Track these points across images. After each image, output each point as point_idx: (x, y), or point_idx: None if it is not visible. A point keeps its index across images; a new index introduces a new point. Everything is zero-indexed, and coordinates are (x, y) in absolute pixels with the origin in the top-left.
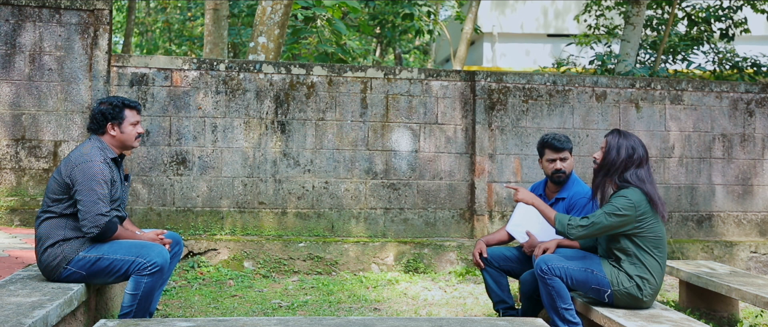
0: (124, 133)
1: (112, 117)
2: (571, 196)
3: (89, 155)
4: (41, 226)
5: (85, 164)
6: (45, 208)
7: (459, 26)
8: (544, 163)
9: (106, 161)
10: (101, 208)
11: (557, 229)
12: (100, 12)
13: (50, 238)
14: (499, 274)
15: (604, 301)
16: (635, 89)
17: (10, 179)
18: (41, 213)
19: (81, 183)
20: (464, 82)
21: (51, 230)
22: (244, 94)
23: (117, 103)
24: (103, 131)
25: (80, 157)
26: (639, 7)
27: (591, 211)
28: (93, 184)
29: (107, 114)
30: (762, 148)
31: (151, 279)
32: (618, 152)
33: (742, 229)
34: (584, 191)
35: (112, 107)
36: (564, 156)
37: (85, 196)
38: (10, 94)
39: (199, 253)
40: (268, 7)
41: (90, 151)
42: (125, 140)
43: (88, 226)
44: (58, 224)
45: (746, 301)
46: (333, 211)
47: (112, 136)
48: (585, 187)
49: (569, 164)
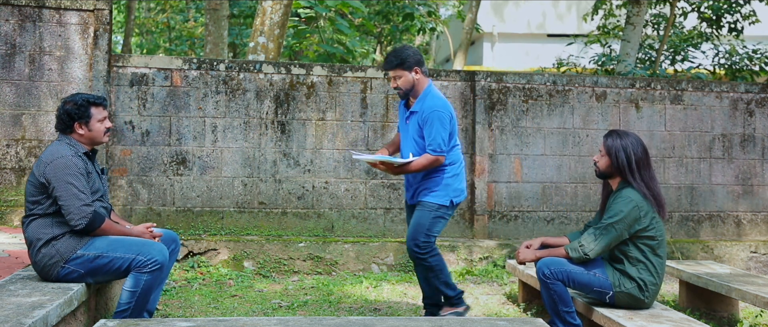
0: (92, 131)
1: (79, 116)
2: (422, 110)
3: (59, 151)
4: (28, 229)
5: (57, 160)
6: (27, 212)
7: (459, 26)
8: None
9: (77, 154)
10: (84, 199)
11: (574, 258)
12: (100, 12)
13: (40, 238)
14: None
15: (606, 303)
16: (635, 89)
17: (10, 179)
18: (25, 218)
19: (56, 179)
20: (464, 82)
21: (38, 231)
22: (244, 94)
23: (81, 101)
24: (71, 130)
25: (50, 155)
26: (639, 7)
27: (432, 123)
28: (69, 178)
29: (73, 114)
30: (762, 148)
31: (151, 276)
32: (625, 152)
33: (742, 229)
34: (433, 105)
35: (78, 107)
36: (395, 74)
37: (64, 191)
38: (10, 94)
39: (199, 253)
40: (268, 7)
41: (59, 147)
42: (94, 137)
43: (75, 219)
44: (43, 223)
45: (746, 301)
46: (333, 211)
47: (81, 135)
48: (435, 101)
49: (403, 81)
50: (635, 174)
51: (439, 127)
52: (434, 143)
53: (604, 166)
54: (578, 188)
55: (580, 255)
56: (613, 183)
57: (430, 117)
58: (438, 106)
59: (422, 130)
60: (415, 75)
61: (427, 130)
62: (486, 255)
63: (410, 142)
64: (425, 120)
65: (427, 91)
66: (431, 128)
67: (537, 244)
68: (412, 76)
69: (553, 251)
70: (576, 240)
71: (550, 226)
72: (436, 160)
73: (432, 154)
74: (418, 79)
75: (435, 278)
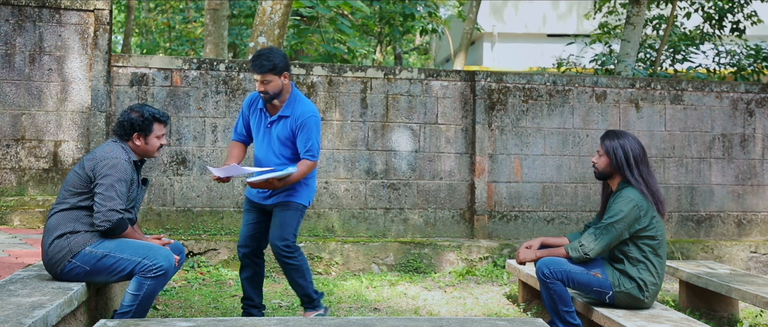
0: (148, 145)
1: (141, 128)
2: (297, 116)
3: (115, 152)
4: (52, 217)
5: (111, 160)
6: (60, 200)
7: (459, 26)
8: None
9: (129, 161)
10: (117, 204)
11: (575, 257)
12: (100, 12)
13: (59, 229)
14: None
15: (606, 302)
16: (635, 89)
17: (10, 179)
18: (55, 205)
19: (104, 177)
20: (464, 82)
21: (61, 221)
22: (244, 94)
23: (148, 115)
24: (129, 138)
25: (106, 153)
26: (639, 7)
27: (310, 128)
28: (114, 180)
29: (136, 124)
30: (762, 148)
31: (154, 282)
32: (624, 150)
33: (742, 229)
34: (308, 110)
35: (143, 119)
36: (265, 78)
37: (105, 190)
38: (10, 94)
39: (199, 253)
40: (268, 7)
41: (115, 148)
42: (148, 151)
43: (100, 219)
44: (69, 216)
45: (746, 301)
46: (333, 211)
47: (137, 145)
48: (309, 106)
49: (273, 86)
50: (634, 170)
51: (316, 132)
52: (313, 148)
53: (603, 166)
54: (578, 188)
55: (581, 255)
56: (613, 184)
57: (307, 122)
58: (313, 112)
59: (294, 135)
60: (284, 80)
61: (303, 135)
62: (486, 255)
63: (273, 147)
64: (302, 125)
65: (295, 95)
66: (309, 133)
67: (537, 244)
68: (282, 81)
69: (553, 251)
70: (576, 240)
71: (550, 226)
72: (313, 166)
73: (310, 159)
74: (286, 84)
75: (301, 278)
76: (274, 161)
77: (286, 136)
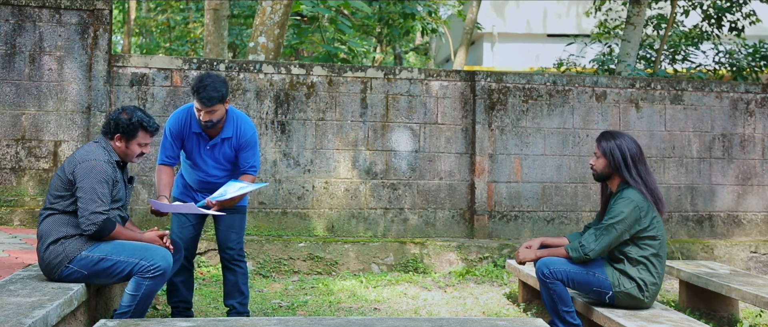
0: (128, 149)
1: (124, 131)
2: (239, 135)
3: (93, 154)
4: (43, 223)
5: (88, 163)
6: (47, 205)
7: (459, 25)
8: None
9: (110, 162)
10: (99, 206)
11: (575, 258)
12: (100, 12)
13: (52, 235)
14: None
15: (606, 302)
16: (635, 89)
17: (10, 179)
18: (44, 210)
19: (82, 180)
20: (464, 82)
21: (53, 227)
22: (244, 94)
23: (135, 120)
24: (112, 137)
25: (84, 155)
26: (639, 7)
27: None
28: (93, 183)
29: (121, 126)
30: (762, 148)
31: (152, 282)
32: (621, 150)
33: (742, 229)
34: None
35: (129, 123)
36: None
37: (85, 194)
38: (10, 94)
39: (199, 253)
40: (268, 7)
41: (95, 150)
42: (127, 154)
43: (85, 223)
44: (60, 221)
45: (746, 301)
46: (333, 211)
47: (117, 146)
48: (249, 123)
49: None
50: (632, 169)
51: (257, 148)
52: (257, 164)
53: (601, 167)
54: (578, 188)
55: (581, 255)
56: (612, 185)
57: (250, 141)
58: (253, 128)
59: (236, 154)
60: (227, 105)
61: (247, 152)
62: (486, 255)
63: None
64: (245, 144)
65: (232, 114)
66: (254, 150)
67: (537, 244)
68: (225, 107)
69: (553, 251)
70: (576, 240)
71: (550, 226)
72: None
73: (253, 174)
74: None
75: (245, 285)
76: (218, 176)
77: (230, 156)
